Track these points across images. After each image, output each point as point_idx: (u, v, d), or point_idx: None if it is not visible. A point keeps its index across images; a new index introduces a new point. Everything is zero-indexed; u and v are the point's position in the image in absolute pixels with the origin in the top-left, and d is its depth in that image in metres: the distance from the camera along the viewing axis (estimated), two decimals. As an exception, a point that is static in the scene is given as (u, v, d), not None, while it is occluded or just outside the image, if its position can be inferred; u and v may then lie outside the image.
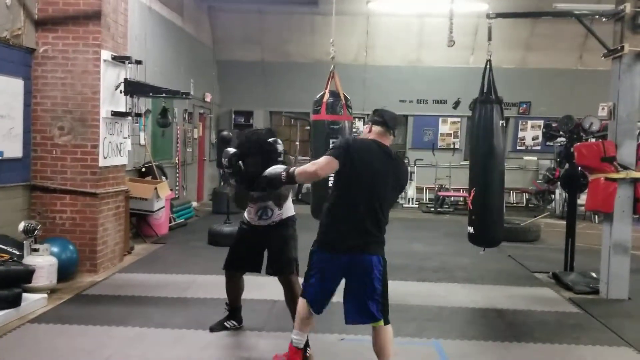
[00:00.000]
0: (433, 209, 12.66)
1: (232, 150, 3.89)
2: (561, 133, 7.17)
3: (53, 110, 5.99)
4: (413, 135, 14.53)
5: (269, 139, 3.98)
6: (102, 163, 6.09)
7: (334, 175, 3.42)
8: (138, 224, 8.12)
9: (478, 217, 5.52)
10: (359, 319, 3.44)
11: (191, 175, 11.95)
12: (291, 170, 3.43)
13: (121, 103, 6.34)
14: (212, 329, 4.47)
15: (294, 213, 4.31)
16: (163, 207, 8.25)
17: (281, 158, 3.93)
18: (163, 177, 9.00)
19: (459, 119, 14.22)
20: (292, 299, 4.05)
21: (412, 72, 13.93)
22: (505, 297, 5.79)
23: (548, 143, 12.01)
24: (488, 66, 5.46)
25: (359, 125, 14.45)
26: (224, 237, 7.75)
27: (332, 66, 6.23)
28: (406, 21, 13.14)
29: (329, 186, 4.16)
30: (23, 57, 5.82)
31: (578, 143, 6.37)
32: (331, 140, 5.73)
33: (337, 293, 3.53)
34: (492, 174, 5.46)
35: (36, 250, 5.24)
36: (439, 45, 9.56)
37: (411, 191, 13.56)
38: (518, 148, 14.46)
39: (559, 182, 9.54)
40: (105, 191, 6.17)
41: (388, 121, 3.47)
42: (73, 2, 5.94)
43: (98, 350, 4.07)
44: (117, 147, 6.44)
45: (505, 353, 4.33)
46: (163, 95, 7.17)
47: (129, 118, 6.55)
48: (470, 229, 5.59)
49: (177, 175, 10.90)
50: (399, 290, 5.93)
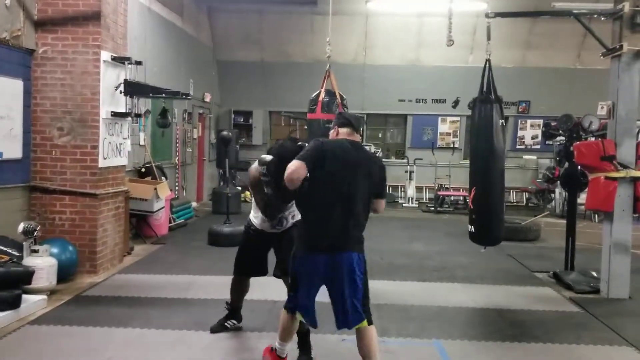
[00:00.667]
0: (433, 209, 12.66)
1: (269, 157, 3.67)
2: (561, 132, 7.17)
3: (53, 111, 5.98)
4: (412, 134, 14.54)
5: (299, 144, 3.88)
6: (102, 164, 6.08)
7: (309, 174, 3.32)
8: (138, 225, 8.11)
9: (478, 216, 5.52)
10: (344, 321, 3.39)
11: (191, 175, 11.95)
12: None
13: (121, 104, 6.34)
14: (213, 330, 4.47)
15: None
16: (163, 208, 8.25)
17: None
18: (163, 178, 9.00)
19: (458, 118, 14.23)
20: None
21: (411, 72, 13.93)
22: (505, 297, 5.79)
23: (547, 142, 12.00)
24: (487, 65, 5.45)
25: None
26: (224, 238, 7.75)
27: (328, 65, 6.23)
28: (405, 21, 13.14)
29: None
30: (22, 58, 5.82)
31: (578, 142, 6.37)
32: (327, 139, 5.72)
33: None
34: (493, 173, 5.46)
35: (36, 251, 5.23)
36: (438, 44, 9.58)
37: (411, 191, 13.56)
38: (518, 147, 14.46)
39: (559, 181, 9.54)
40: (104, 192, 6.17)
41: (353, 122, 3.59)
42: (72, 3, 5.94)
43: (98, 351, 4.07)
44: (117, 148, 6.44)
45: (506, 353, 4.33)
46: (163, 95, 7.16)
47: (129, 118, 6.54)
48: (470, 228, 5.59)
49: (177, 175, 10.89)
50: (399, 290, 5.95)
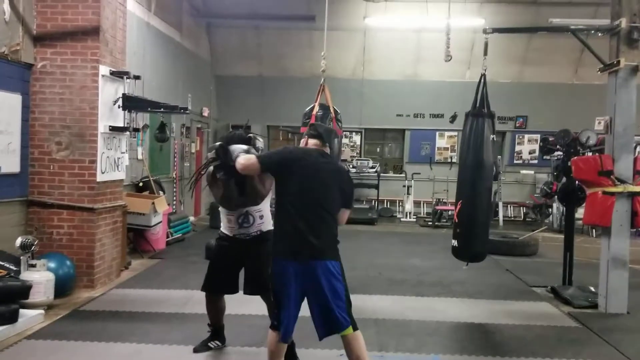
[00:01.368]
0: (431, 223, 12.66)
1: (217, 143, 4.03)
2: (558, 147, 7.20)
3: (51, 125, 5.99)
4: (410, 149, 14.58)
5: (249, 135, 4.14)
6: (100, 178, 6.08)
7: (275, 184, 3.57)
8: (135, 239, 8.09)
9: (463, 231, 5.47)
10: (328, 330, 3.34)
11: (188, 189, 11.94)
12: (242, 155, 3.63)
13: (119, 118, 6.35)
14: (196, 350, 4.32)
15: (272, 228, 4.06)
16: (160, 222, 8.23)
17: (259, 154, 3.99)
18: (160, 192, 8.99)
19: (456, 133, 14.24)
20: None
21: (409, 87, 14.02)
22: (504, 312, 5.77)
23: (545, 157, 12.04)
24: (482, 80, 5.48)
25: (356, 139, 14.55)
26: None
27: (322, 79, 6.25)
28: (403, 36, 13.25)
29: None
30: (21, 73, 5.84)
31: (575, 157, 6.39)
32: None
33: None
34: (480, 188, 5.40)
35: (33, 265, 5.21)
36: (436, 59, 9.61)
37: (409, 205, 13.57)
38: (515, 162, 14.50)
39: (557, 196, 9.56)
40: (102, 206, 6.15)
41: (323, 134, 3.64)
42: (71, 18, 5.98)
43: (95, 367, 4.04)
44: (115, 162, 6.44)
45: (505, 368, 4.31)
46: (161, 110, 7.18)
47: (127, 133, 6.55)
48: (454, 242, 5.55)
49: (175, 189, 10.89)
50: (398, 305, 5.92)
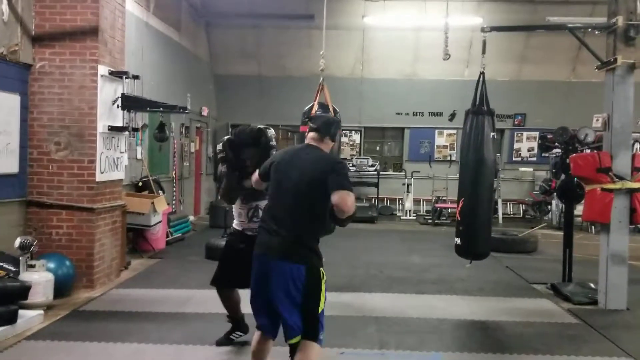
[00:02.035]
0: (430, 221, 12.67)
1: (226, 137, 4.08)
2: (557, 144, 7.21)
3: (50, 125, 5.99)
4: (409, 147, 14.59)
5: (262, 130, 4.17)
6: (99, 178, 6.08)
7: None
8: (135, 239, 8.08)
9: (465, 229, 5.49)
10: (277, 332, 3.25)
11: (188, 189, 11.94)
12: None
13: (118, 118, 6.35)
14: (218, 343, 4.40)
15: None
16: (160, 222, 8.23)
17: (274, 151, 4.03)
18: (160, 192, 8.99)
19: (455, 131, 14.27)
20: None
21: (408, 85, 14.02)
22: (504, 309, 5.77)
23: (544, 154, 12.07)
24: (481, 78, 5.50)
25: (356, 137, 14.56)
26: (221, 251, 7.72)
27: (322, 78, 6.26)
28: (401, 35, 13.25)
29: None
30: (20, 73, 5.84)
31: (574, 154, 6.41)
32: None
33: (335, 305, 3.50)
34: (482, 185, 5.43)
35: (32, 266, 5.21)
36: (435, 58, 9.63)
37: (408, 203, 13.58)
38: (514, 159, 14.51)
39: (556, 193, 9.57)
40: (102, 206, 6.15)
41: (320, 127, 3.43)
42: (70, 18, 5.97)
43: (95, 366, 4.04)
44: (114, 162, 6.44)
45: (505, 365, 4.32)
46: (160, 109, 7.19)
47: (126, 133, 6.55)
48: (457, 240, 5.56)
49: (174, 189, 10.88)
50: (398, 303, 5.93)
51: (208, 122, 13.50)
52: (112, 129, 6.22)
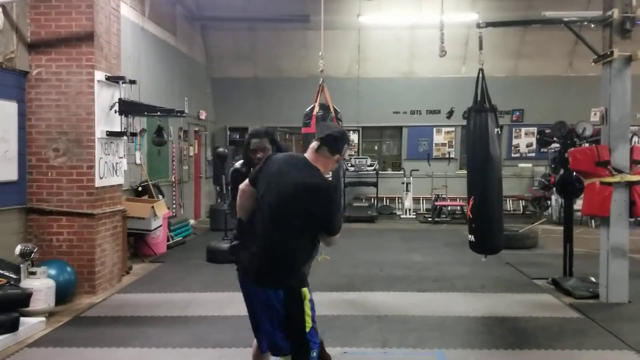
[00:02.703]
0: (430, 219, 12.66)
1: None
2: (555, 139, 7.21)
3: (48, 132, 5.99)
4: (408, 146, 14.59)
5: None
6: (98, 183, 6.08)
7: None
8: (136, 244, 8.08)
9: (478, 225, 5.53)
10: (267, 347, 3.06)
11: (188, 193, 11.94)
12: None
13: (116, 123, 6.36)
14: None
15: None
16: (160, 226, 8.22)
17: None
18: (160, 196, 8.99)
19: (453, 129, 14.29)
20: None
21: (405, 84, 14.03)
22: (506, 305, 5.78)
23: (542, 149, 12.07)
24: (480, 75, 5.50)
25: (354, 137, 14.56)
26: (223, 254, 7.72)
27: (321, 79, 6.26)
28: (397, 33, 13.26)
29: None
30: (16, 80, 5.84)
31: (572, 148, 6.41)
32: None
33: (337, 305, 3.49)
34: (490, 182, 5.48)
35: (33, 273, 5.21)
36: (431, 56, 9.65)
37: (408, 202, 13.58)
38: (513, 155, 14.51)
39: (555, 188, 9.57)
40: (102, 212, 6.15)
41: (325, 139, 2.99)
42: (65, 25, 5.98)
43: (98, 372, 4.04)
44: (113, 167, 6.44)
45: (508, 361, 4.32)
46: (158, 113, 7.18)
47: (124, 138, 6.55)
48: (471, 237, 5.60)
49: (174, 193, 10.88)
50: (400, 301, 5.93)
51: (206, 126, 13.50)
52: (110, 134, 6.22)
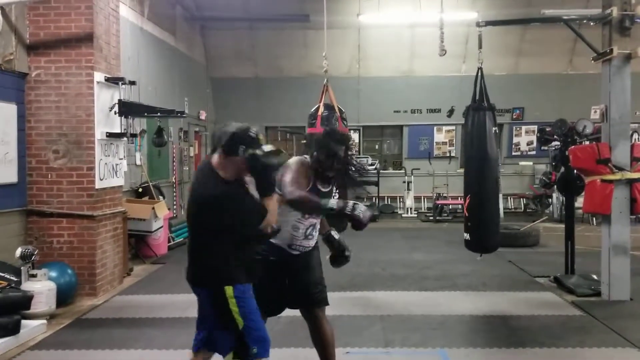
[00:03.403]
0: (432, 218, 12.65)
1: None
2: (555, 137, 7.20)
3: (47, 133, 5.98)
4: (409, 145, 14.57)
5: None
6: (99, 185, 6.07)
7: None
8: (137, 245, 8.08)
9: (474, 224, 5.51)
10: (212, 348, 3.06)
11: (188, 194, 11.91)
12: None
13: (116, 124, 6.35)
14: None
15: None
16: (161, 227, 8.22)
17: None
18: (160, 197, 8.98)
19: (454, 127, 14.26)
20: (325, 342, 3.46)
21: (405, 83, 14.01)
22: (508, 303, 5.77)
23: (543, 147, 12.01)
24: (479, 73, 5.49)
25: (355, 136, 14.54)
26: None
27: (326, 79, 6.26)
28: (397, 32, 13.24)
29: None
30: (16, 82, 5.83)
31: (573, 146, 6.40)
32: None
33: (339, 304, 3.48)
34: (487, 180, 5.46)
35: (34, 275, 5.20)
36: (431, 54, 9.63)
37: (409, 201, 13.57)
38: (513, 154, 14.49)
39: (556, 186, 9.55)
40: (102, 213, 6.14)
41: (216, 141, 3.03)
42: (64, 26, 5.97)
43: (100, 374, 4.03)
44: (113, 169, 6.43)
45: (511, 359, 4.31)
46: (158, 114, 7.18)
47: (124, 139, 6.55)
48: (466, 236, 5.58)
49: (175, 194, 10.87)
50: (402, 300, 5.92)
51: (206, 126, 13.49)
52: (110, 136, 6.21)
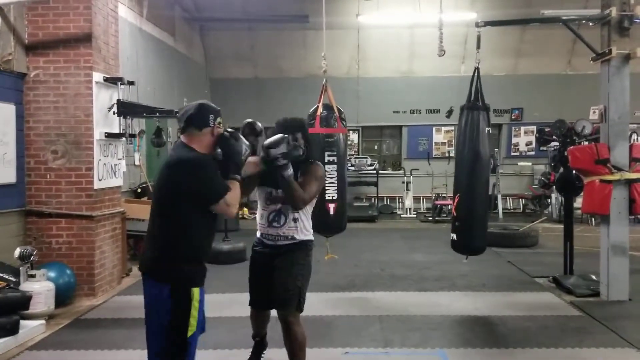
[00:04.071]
0: (431, 218, 12.66)
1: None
2: (554, 137, 7.21)
3: (46, 134, 5.98)
4: (408, 145, 14.59)
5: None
6: (97, 185, 6.07)
7: None
8: (136, 245, 8.07)
9: (461, 224, 5.49)
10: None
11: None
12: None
13: (115, 124, 6.34)
14: None
15: (312, 239, 3.71)
16: (160, 227, 8.19)
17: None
18: (159, 197, 8.96)
19: (453, 128, 14.24)
20: (291, 347, 3.53)
21: (405, 83, 14.02)
22: (507, 304, 5.77)
23: (542, 148, 12.03)
24: (476, 74, 5.49)
25: (354, 137, 14.55)
26: (223, 255, 7.72)
27: (325, 80, 6.25)
28: (396, 32, 13.25)
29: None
30: (14, 82, 5.82)
31: (571, 147, 6.40)
32: (327, 153, 5.73)
33: (338, 305, 3.48)
34: (477, 181, 5.42)
35: (33, 276, 5.19)
36: (430, 55, 9.65)
37: (408, 201, 13.57)
38: (512, 154, 14.50)
39: (555, 186, 9.56)
40: (101, 213, 6.14)
41: (179, 120, 2.97)
42: (63, 26, 5.96)
43: (99, 374, 4.03)
44: (112, 169, 6.43)
45: (510, 359, 4.32)
46: (157, 115, 7.18)
47: (123, 139, 6.54)
48: (453, 236, 5.56)
49: (173, 194, 10.85)
50: (401, 300, 5.92)
51: (205, 126, 13.47)
52: (109, 136, 6.21)
